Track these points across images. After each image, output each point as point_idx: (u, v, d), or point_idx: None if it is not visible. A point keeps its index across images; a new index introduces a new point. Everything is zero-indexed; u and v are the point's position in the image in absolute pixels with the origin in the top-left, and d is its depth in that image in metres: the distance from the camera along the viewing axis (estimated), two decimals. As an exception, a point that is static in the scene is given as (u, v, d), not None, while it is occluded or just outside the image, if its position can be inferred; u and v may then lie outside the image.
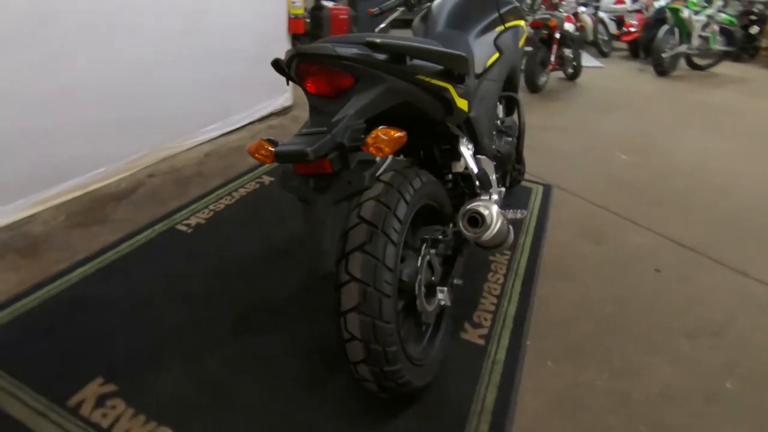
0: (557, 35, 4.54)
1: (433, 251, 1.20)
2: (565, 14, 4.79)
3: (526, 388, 1.37)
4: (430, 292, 1.20)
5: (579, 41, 4.97)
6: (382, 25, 1.74)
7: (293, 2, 3.07)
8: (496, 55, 1.60)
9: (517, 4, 1.76)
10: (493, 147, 1.62)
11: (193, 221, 2.00)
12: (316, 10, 5.36)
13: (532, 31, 4.58)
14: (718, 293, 1.89)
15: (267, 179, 2.44)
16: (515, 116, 2.12)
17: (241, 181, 2.37)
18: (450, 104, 1.08)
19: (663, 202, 2.64)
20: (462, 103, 1.13)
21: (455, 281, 1.22)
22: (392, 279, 0.98)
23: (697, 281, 1.96)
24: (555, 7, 4.88)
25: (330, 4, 5.50)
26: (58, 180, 2.01)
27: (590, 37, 7.13)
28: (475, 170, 1.26)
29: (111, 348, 1.36)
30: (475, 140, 1.41)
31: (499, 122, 1.75)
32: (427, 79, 0.98)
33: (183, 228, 1.95)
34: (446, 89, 1.05)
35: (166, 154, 2.48)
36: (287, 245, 1.90)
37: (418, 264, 1.15)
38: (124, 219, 2.00)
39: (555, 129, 3.74)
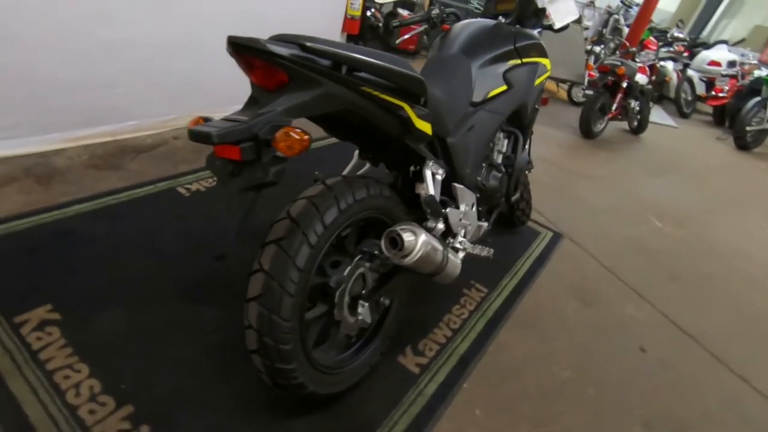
0: (624, 84, 4.32)
1: (368, 265, 1.20)
2: (639, 65, 4.54)
3: (441, 429, 1.33)
4: (373, 306, 1.19)
5: (650, 95, 4.69)
6: (399, 40, 1.75)
7: (352, 3, 3.16)
8: (503, 87, 1.56)
9: (540, 41, 1.70)
10: (478, 179, 1.58)
11: (194, 187, 2.12)
12: (390, 17, 5.46)
13: (597, 74, 4.40)
14: (701, 390, 1.71)
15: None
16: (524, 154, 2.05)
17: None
18: (407, 123, 1.07)
19: (681, 279, 2.43)
20: (423, 125, 1.12)
21: (382, 299, 1.20)
22: (299, 279, 0.99)
23: (682, 371, 1.79)
24: (631, 55, 4.64)
25: (406, 13, 5.59)
26: (92, 123, 2.20)
27: (671, 93, 6.72)
28: (431, 193, 1.24)
29: (72, 281, 1.48)
30: (452, 167, 1.38)
31: (495, 156, 1.70)
32: (376, 93, 0.97)
33: (182, 191, 2.07)
34: (401, 107, 1.04)
35: (197, 121, 2.63)
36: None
37: (344, 273, 1.15)
38: (136, 171, 2.15)
39: (592, 179, 3.56)
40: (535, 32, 1.72)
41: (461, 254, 1.53)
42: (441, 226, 1.21)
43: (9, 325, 1.28)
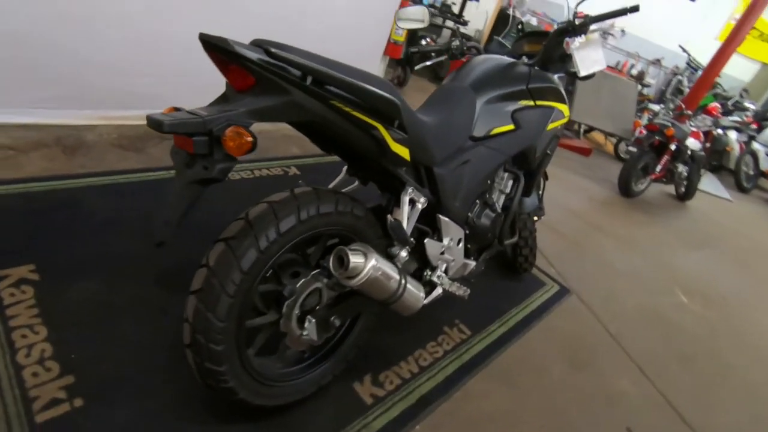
0: (672, 147, 4.10)
1: (325, 281, 1.17)
2: (693, 129, 4.31)
3: (377, 468, 1.25)
4: (321, 323, 1.16)
5: (701, 161, 4.43)
6: (418, 67, 1.76)
7: (396, 30, 3.23)
8: (510, 127, 1.51)
9: (558, 86, 1.65)
10: (469, 215, 1.52)
11: (204, 179, 2.19)
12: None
13: (644, 132, 4.21)
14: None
15: (293, 171, 2.57)
16: (533, 197, 1.97)
17: (270, 163, 2.53)
18: (381, 144, 1.05)
19: (694, 362, 2.22)
20: (399, 149, 1.09)
21: (332, 319, 1.16)
22: (241, 281, 0.97)
23: (669, 465, 1.61)
24: (686, 118, 4.42)
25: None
26: (126, 106, 2.34)
27: (731, 164, 6.31)
28: (400, 219, 1.20)
29: (62, 247, 1.54)
30: (438, 198, 1.35)
31: (495, 195, 1.64)
32: (347, 109, 0.97)
33: (193, 181, 2.14)
34: (374, 127, 1.02)
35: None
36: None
37: (297, 285, 1.12)
38: (156, 156, 2.26)
39: (619, 239, 3.36)
40: (555, 77, 1.67)
41: (438, 289, 1.47)
42: (404, 254, 1.17)
43: (-11, 277, 1.35)
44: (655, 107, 5.56)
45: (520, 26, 1.73)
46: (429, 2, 5.98)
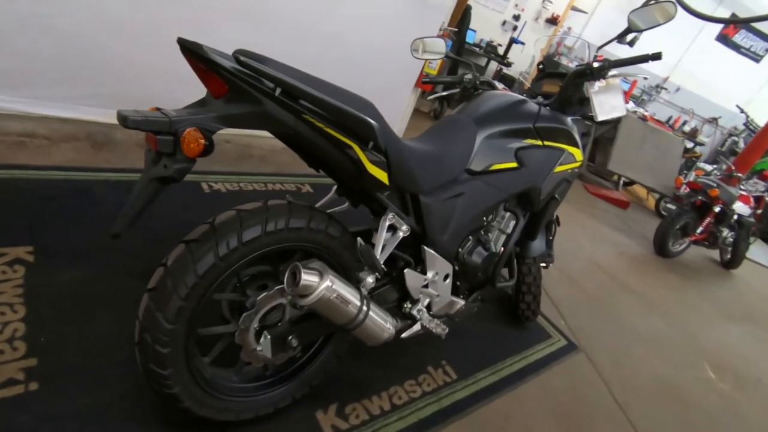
0: (716, 209, 3.83)
1: (289, 298, 1.14)
2: (742, 192, 4.02)
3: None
4: (277, 341, 1.12)
5: (749, 228, 4.10)
6: (431, 97, 1.75)
7: (430, 63, 3.27)
8: (512, 164, 1.46)
9: (569, 128, 1.58)
10: (460, 251, 1.46)
11: (217, 186, 2.25)
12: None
13: (687, 190, 3.97)
14: None
15: (307, 188, 2.60)
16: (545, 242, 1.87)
17: (284, 179, 2.57)
18: (357, 165, 1.03)
19: (711, 449, 1.97)
20: (376, 172, 1.06)
21: (290, 339, 1.11)
22: (194, 285, 0.96)
23: None
24: (736, 180, 4.14)
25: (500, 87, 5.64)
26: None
27: (788, 236, 5.82)
28: (377, 246, 1.15)
29: (62, 233, 1.61)
30: (423, 228, 1.30)
31: (492, 233, 1.57)
32: (320, 124, 0.95)
33: (205, 187, 2.21)
34: (348, 146, 1.00)
35: (254, 133, 2.84)
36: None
37: (258, 298, 1.10)
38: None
39: (646, 300, 3.13)
40: (569, 119, 1.61)
41: (416, 326, 1.40)
42: (370, 280, 1.12)
43: (-11, 253, 1.42)
44: (707, 167, 5.27)
45: (540, 66, 1.69)
46: (474, 42, 6.08)
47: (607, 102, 1.55)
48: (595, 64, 1.49)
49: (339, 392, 1.45)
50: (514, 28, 6.59)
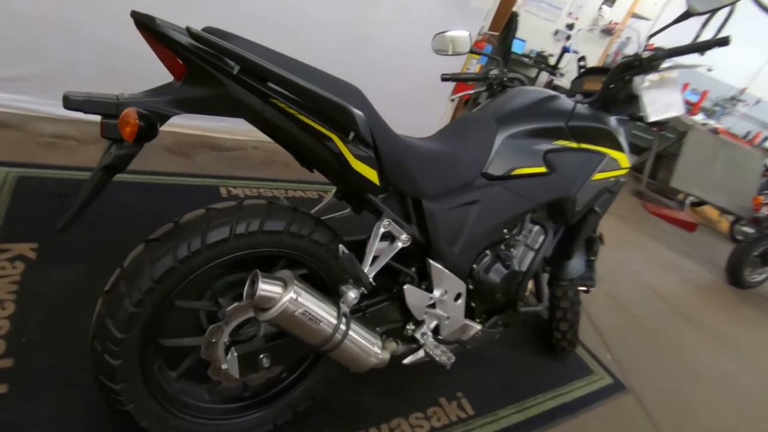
0: (805, 234, 3.29)
1: (264, 311, 1.00)
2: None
3: None
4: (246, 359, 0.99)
5: None
6: (453, 97, 1.59)
7: (468, 68, 3.09)
8: (540, 169, 1.25)
9: (611, 129, 1.34)
10: (474, 267, 1.26)
11: (236, 191, 2.20)
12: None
13: (765, 213, 3.46)
14: None
15: (328, 196, 2.49)
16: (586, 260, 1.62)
17: (306, 186, 2.49)
18: (340, 160, 0.89)
19: None
20: (363, 169, 0.91)
21: (261, 357, 0.97)
22: (148, 290, 0.85)
23: None
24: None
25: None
26: (191, 116, 2.48)
27: None
28: (367, 255, 1.00)
29: (73, 231, 1.59)
30: (427, 238, 1.13)
31: (516, 248, 1.36)
32: (291, 110, 0.82)
33: (223, 191, 2.16)
34: (328, 138, 0.86)
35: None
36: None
37: (228, 309, 0.97)
38: (200, 164, 2.34)
39: (712, 335, 2.70)
40: (612, 118, 1.37)
41: (420, 352, 1.22)
42: (353, 295, 0.96)
43: (-7, 246, 1.42)
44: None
45: (581, 63, 1.47)
46: (523, 52, 5.82)
47: (660, 99, 1.31)
48: (645, 54, 1.26)
49: (328, 421, 1.29)
50: (567, 38, 6.24)
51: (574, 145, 1.29)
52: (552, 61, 5.97)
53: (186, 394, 1.03)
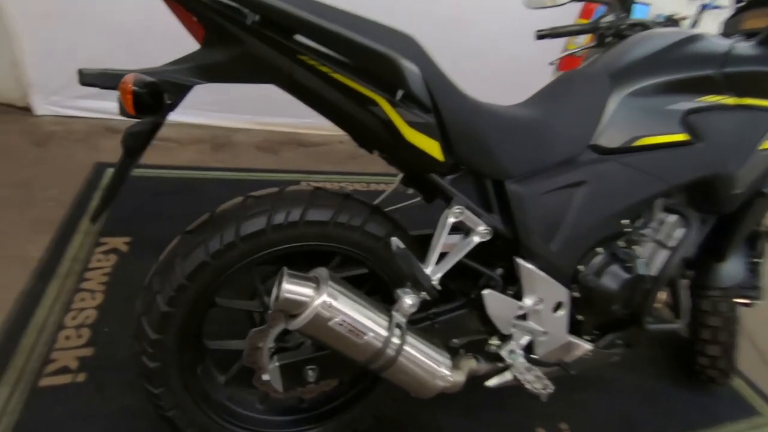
0: None
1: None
2: None
3: None
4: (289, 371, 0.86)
5: None
6: (553, 60, 1.29)
7: (575, 38, 2.63)
8: (679, 136, 0.91)
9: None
10: (580, 269, 0.97)
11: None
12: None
13: None
14: None
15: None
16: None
17: (392, 179, 2.33)
18: (390, 130, 0.69)
19: None
20: (419, 140, 0.70)
21: (306, 369, 0.82)
22: (179, 288, 0.76)
23: None
24: None
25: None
26: (278, 114, 2.50)
27: None
28: (433, 251, 0.79)
29: (160, 227, 1.64)
30: (513, 230, 0.88)
31: (638, 247, 1.02)
32: (324, 68, 0.65)
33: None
34: (372, 101, 0.67)
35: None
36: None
37: (270, 312, 0.85)
38: (287, 159, 2.35)
39: None
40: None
41: (507, 375, 0.98)
42: (409, 302, 0.76)
43: (94, 242, 1.52)
44: None
45: (740, -1, 1.06)
46: (648, 16, 4.96)
47: None
48: None
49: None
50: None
51: (731, 101, 0.93)
52: (686, 25, 4.99)
53: (235, 402, 0.94)
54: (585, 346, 1.04)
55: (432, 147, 0.73)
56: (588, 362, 1.07)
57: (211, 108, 2.41)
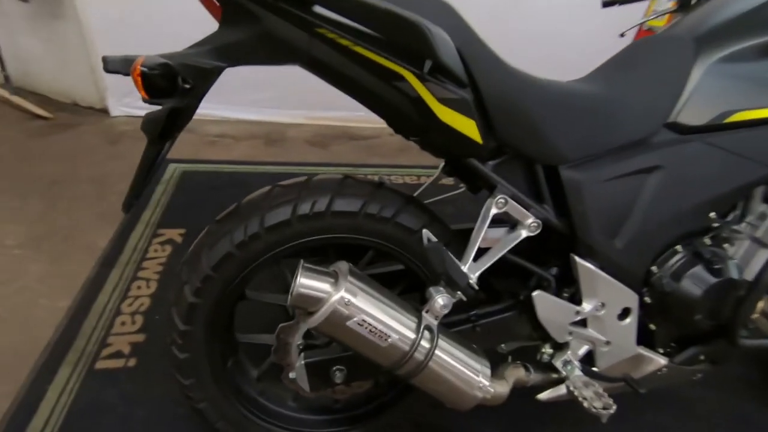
0: None
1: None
2: None
3: None
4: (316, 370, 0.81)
5: None
6: (625, 31, 1.14)
7: (654, 10, 2.34)
8: (786, 110, 0.74)
9: None
10: (653, 270, 0.82)
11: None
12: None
13: None
14: None
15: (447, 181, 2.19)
16: None
17: (425, 171, 2.24)
18: (419, 106, 0.61)
19: None
20: (456, 120, 0.61)
21: (334, 370, 0.76)
22: (206, 280, 0.75)
23: None
24: None
25: None
26: (330, 108, 2.49)
27: None
28: (471, 245, 0.69)
29: (215, 215, 1.71)
30: (569, 224, 0.76)
31: (729, 246, 0.85)
32: (344, 41, 0.57)
33: (354, 180, 2.09)
34: (398, 76, 0.59)
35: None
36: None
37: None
38: (337, 152, 2.33)
39: None
40: None
41: (561, 388, 0.86)
42: (441, 302, 0.67)
43: (152, 233, 1.60)
44: None
45: None
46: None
47: None
48: None
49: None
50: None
51: None
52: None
53: (268, 397, 0.92)
54: (659, 361, 0.90)
55: (469, 127, 0.64)
56: (662, 379, 0.92)
57: (266, 104, 2.46)
